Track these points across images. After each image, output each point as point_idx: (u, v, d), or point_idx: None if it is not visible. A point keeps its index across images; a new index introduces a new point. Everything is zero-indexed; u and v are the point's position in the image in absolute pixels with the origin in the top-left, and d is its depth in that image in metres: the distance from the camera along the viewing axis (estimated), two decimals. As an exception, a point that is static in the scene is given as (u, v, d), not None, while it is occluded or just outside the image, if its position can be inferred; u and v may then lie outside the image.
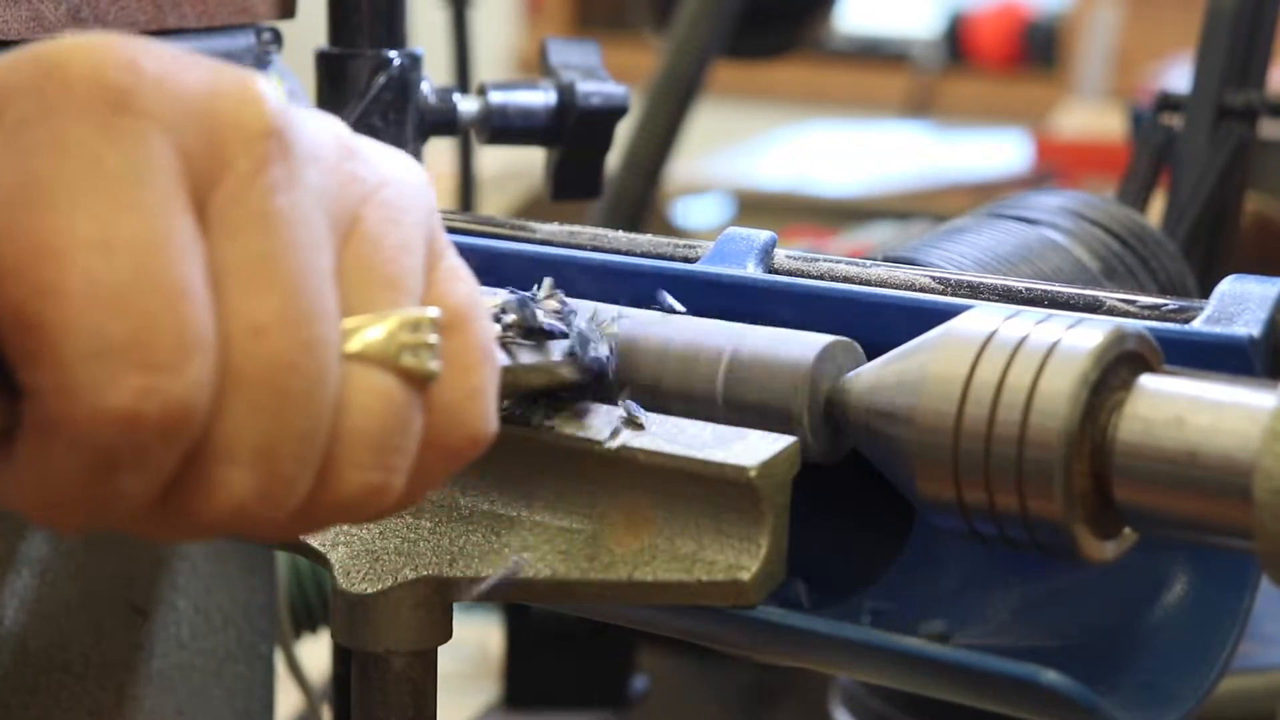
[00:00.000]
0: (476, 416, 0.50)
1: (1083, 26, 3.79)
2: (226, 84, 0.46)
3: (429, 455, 0.49)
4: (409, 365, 0.48)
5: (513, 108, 0.81)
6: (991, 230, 0.74)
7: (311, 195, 0.47)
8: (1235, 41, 0.93)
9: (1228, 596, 0.58)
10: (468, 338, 0.50)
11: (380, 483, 0.48)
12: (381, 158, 0.50)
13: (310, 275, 0.46)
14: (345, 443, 0.47)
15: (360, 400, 0.47)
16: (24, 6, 0.67)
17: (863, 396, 0.57)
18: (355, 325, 0.47)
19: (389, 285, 0.48)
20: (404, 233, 0.49)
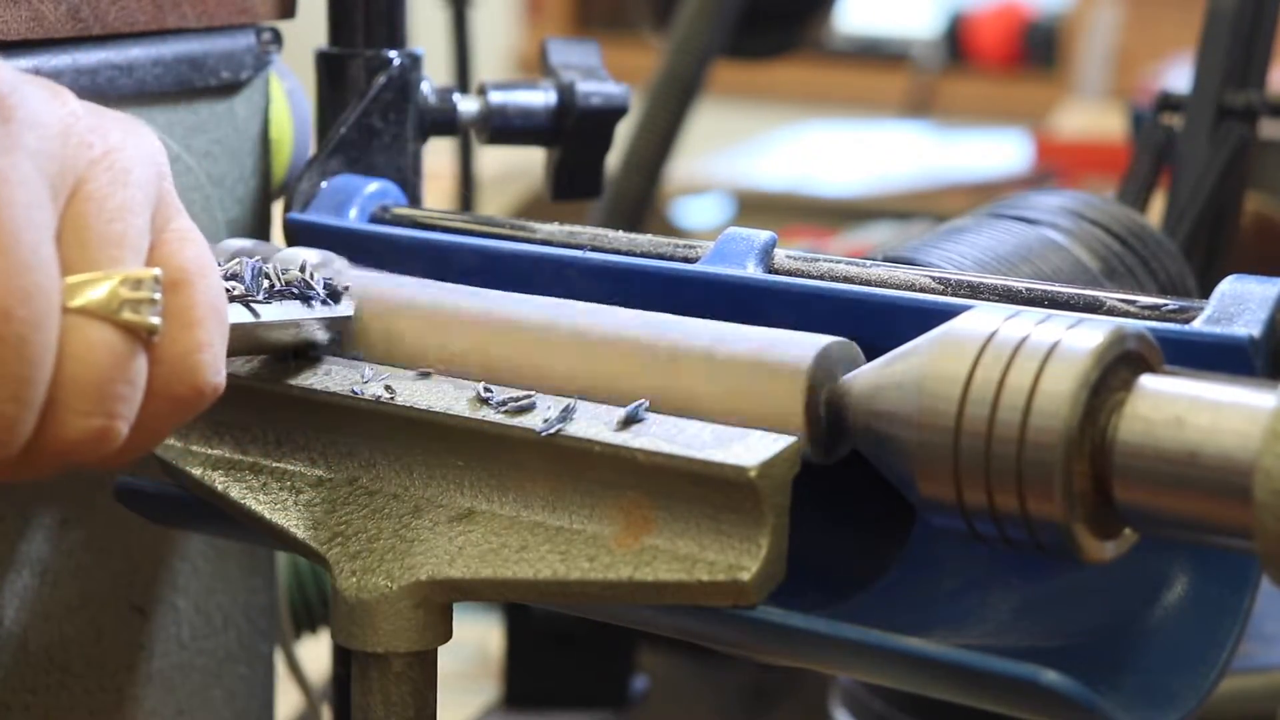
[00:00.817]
0: (201, 368, 0.54)
1: (1083, 26, 3.79)
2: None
3: (155, 404, 0.54)
4: (129, 319, 0.52)
5: (513, 108, 0.81)
6: (991, 230, 0.74)
7: (30, 156, 0.50)
8: (1235, 41, 0.93)
9: (1228, 596, 0.58)
10: (193, 295, 0.54)
11: (102, 427, 0.52)
12: (111, 126, 0.54)
13: (26, 229, 0.50)
14: (67, 389, 0.51)
15: (81, 351, 0.51)
16: (24, 6, 0.67)
17: (863, 397, 0.57)
18: (78, 281, 0.51)
19: (112, 243, 0.52)
20: (128, 194, 0.53)
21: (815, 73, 3.85)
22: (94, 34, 0.70)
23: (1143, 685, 0.57)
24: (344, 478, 0.63)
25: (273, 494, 0.64)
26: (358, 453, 0.63)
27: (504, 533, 0.59)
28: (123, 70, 0.72)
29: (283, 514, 0.63)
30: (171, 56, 0.74)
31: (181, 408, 0.55)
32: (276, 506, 0.63)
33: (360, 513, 0.62)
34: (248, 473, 0.65)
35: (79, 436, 0.52)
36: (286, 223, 0.75)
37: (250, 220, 0.79)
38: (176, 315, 0.54)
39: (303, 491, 0.63)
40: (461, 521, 0.60)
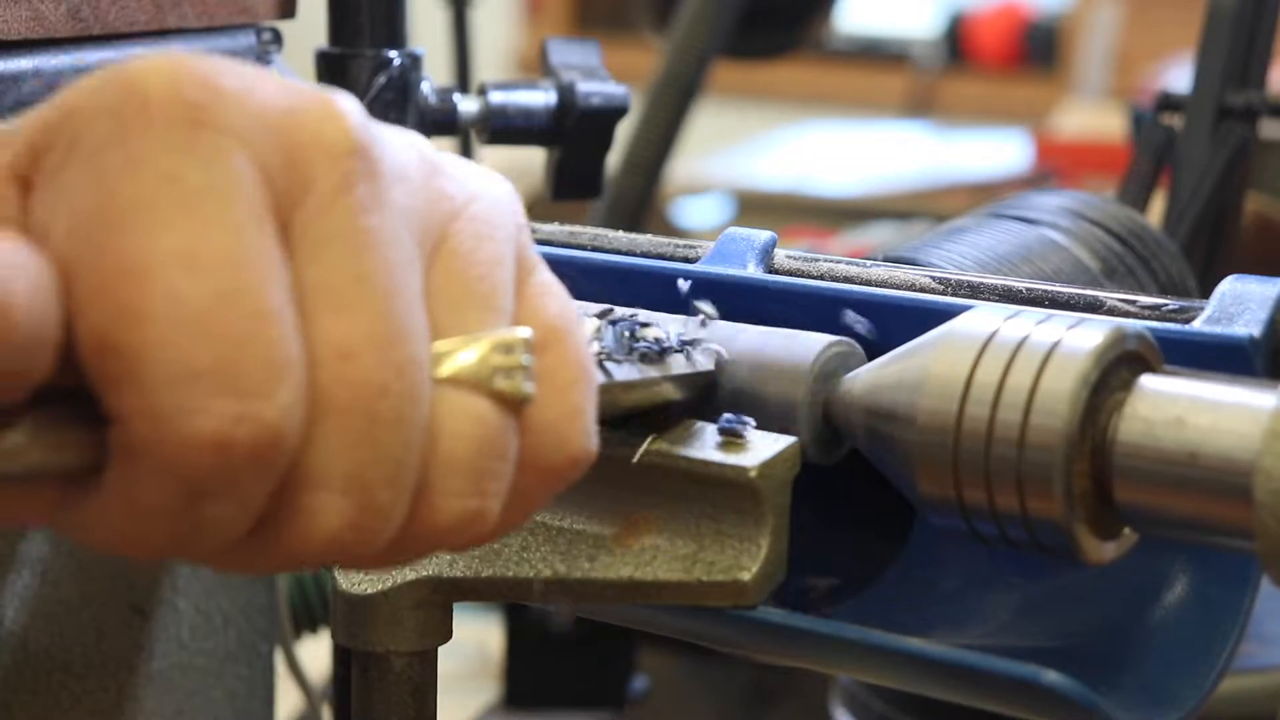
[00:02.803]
0: (575, 436, 0.49)
1: (1083, 26, 3.79)
2: (307, 101, 0.45)
3: (527, 477, 0.48)
4: (502, 388, 0.46)
5: (513, 108, 0.81)
6: (991, 230, 0.74)
7: (398, 214, 0.45)
8: (1235, 41, 0.93)
9: (1228, 596, 0.58)
10: (563, 356, 0.49)
11: (477, 509, 0.47)
12: (468, 173, 0.49)
13: (399, 296, 0.44)
14: (439, 469, 0.46)
15: (453, 425, 0.46)
16: (24, 6, 0.67)
17: (863, 397, 0.57)
18: (447, 349, 0.46)
19: (480, 305, 0.47)
20: (493, 249, 0.48)
21: (815, 73, 3.85)
22: (94, 34, 0.70)
23: (1143, 685, 0.57)
24: (344, 478, 0.63)
25: (273, 494, 0.64)
26: (358, 453, 0.63)
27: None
28: (123, 70, 0.72)
29: (283, 514, 0.63)
30: (171, 56, 0.74)
31: (554, 480, 0.49)
32: (276, 506, 0.63)
33: (360, 513, 0.62)
34: (248, 473, 0.65)
35: (452, 520, 0.46)
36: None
37: (250, 220, 0.79)
38: (547, 379, 0.48)
39: (303, 491, 0.63)
40: (461, 521, 0.60)
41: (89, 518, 0.44)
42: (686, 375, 0.58)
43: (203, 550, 0.44)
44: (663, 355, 0.58)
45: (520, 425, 0.47)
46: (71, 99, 0.44)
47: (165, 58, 0.44)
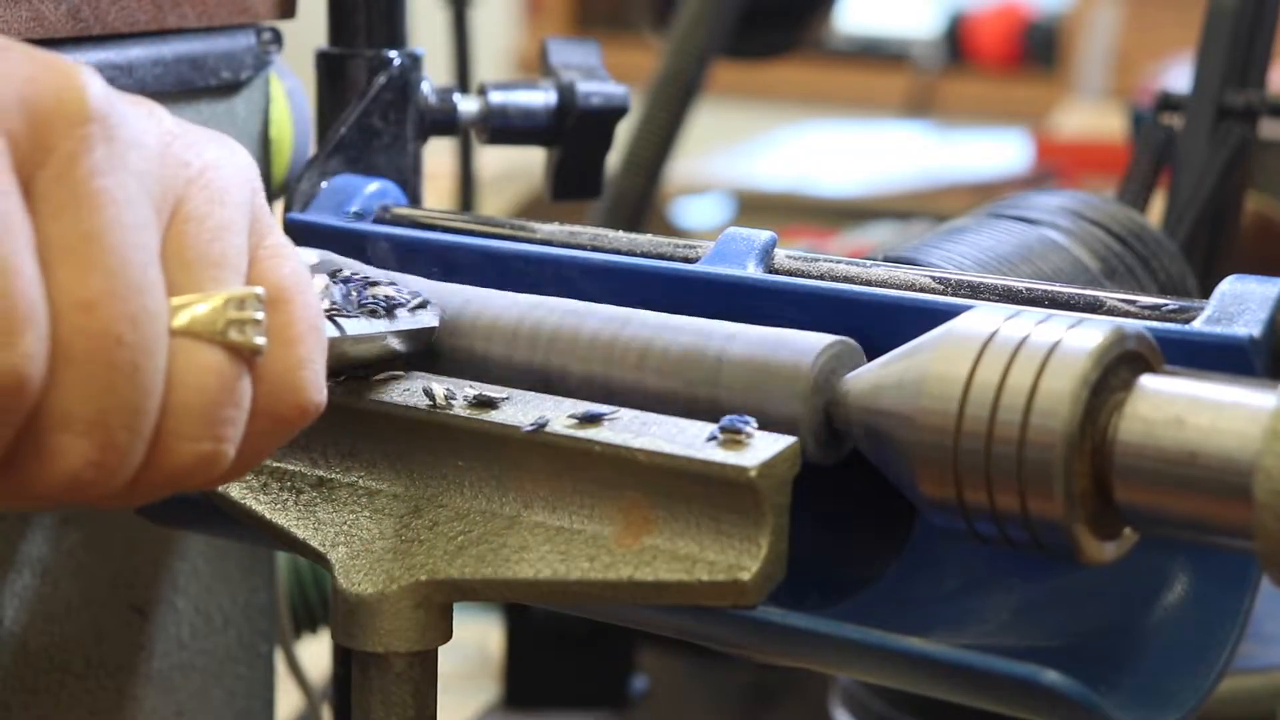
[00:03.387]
0: (304, 386, 0.53)
1: (1083, 26, 3.79)
2: (49, 71, 0.49)
3: (259, 424, 0.52)
4: (235, 340, 0.51)
5: (513, 108, 0.81)
6: (991, 230, 0.74)
7: (134, 178, 0.49)
8: (1235, 41, 0.93)
9: (1228, 596, 0.58)
10: (293, 312, 0.53)
11: (211, 452, 0.51)
12: (205, 143, 0.53)
13: (135, 252, 0.48)
14: (176, 415, 0.50)
15: (188, 374, 0.50)
16: (24, 7, 0.67)
17: (863, 396, 0.57)
18: (182, 303, 0.50)
19: (214, 264, 0.51)
20: (227, 213, 0.52)
21: (815, 73, 3.85)
22: (94, 34, 0.70)
23: (1143, 685, 0.57)
24: (344, 478, 0.63)
25: (273, 494, 0.64)
26: (358, 453, 0.63)
27: (504, 533, 0.59)
28: (123, 70, 0.72)
29: (283, 514, 0.63)
30: (171, 56, 0.74)
31: (284, 427, 0.53)
32: (276, 506, 0.63)
33: (360, 513, 0.62)
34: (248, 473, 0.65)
35: (188, 463, 0.51)
36: (287, 223, 0.75)
37: (250, 220, 0.79)
38: (278, 333, 0.52)
39: (303, 492, 0.63)
40: (461, 521, 0.60)
41: None
42: (410, 330, 0.62)
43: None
44: (390, 311, 0.62)
45: (253, 376, 0.52)
46: None
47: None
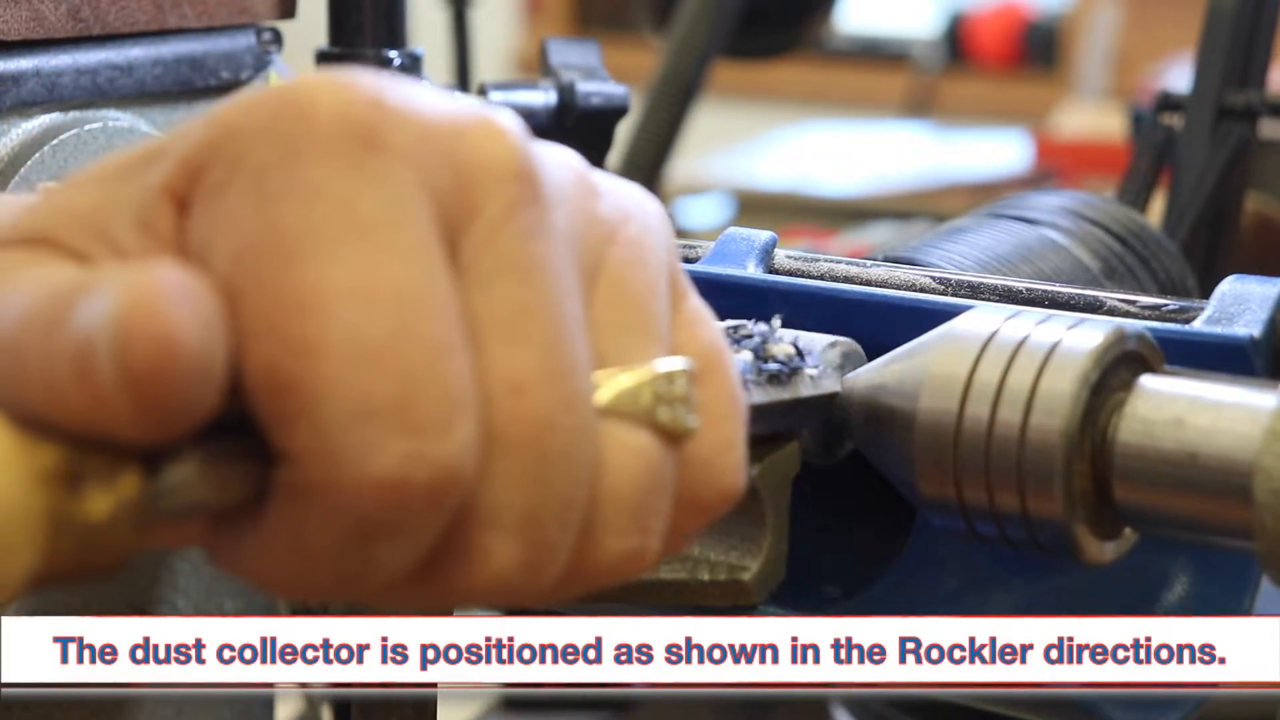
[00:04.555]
0: (729, 470, 0.46)
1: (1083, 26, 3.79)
2: (472, 120, 0.43)
3: (681, 512, 0.46)
4: (664, 421, 0.44)
5: (513, 108, 0.81)
6: (991, 230, 0.74)
7: (562, 239, 0.43)
8: (1235, 41, 0.93)
9: (1228, 596, 0.58)
10: (718, 386, 0.46)
11: (639, 546, 0.44)
12: (621, 193, 0.47)
13: (566, 326, 0.42)
14: (604, 506, 0.44)
15: (617, 460, 0.44)
16: (24, 6, 0.67)
17: (863, 397, 0.57)
18: (608, 379, 0.44)
19: (640, 334, 0.45)
20: (649, 275, 0.46)
21: (815, 73, 3.85)
22: (94, 34, 0.70)
23: (1143, 685, 0.57)
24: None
25: (273, 494, 0.64)
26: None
27: (504, 533, 0.59)
28: (123, 70, 0.72)
29: (283, 514, 0.63)
30: (171, 56, 0.74)
31: (706, 514, 0.46)
32: (276, 506, 0.63)
33: (360, 513, 0.62)
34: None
35: (615, 559, 0.44)
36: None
37: (250, 220, 0.79)
38: (703, 410, 0.45)
39: (303, 491, 0.63)
40: (461, 521, 0.60)
41: (248, 553, 0.42)
42: (813, 398, 0.56)
43: (367, 590, 0.42)
44: (792, 376, 0.55)
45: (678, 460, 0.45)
46: (232, 116, 0.42)
47: (333, 76, 0.42)
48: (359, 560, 0.41)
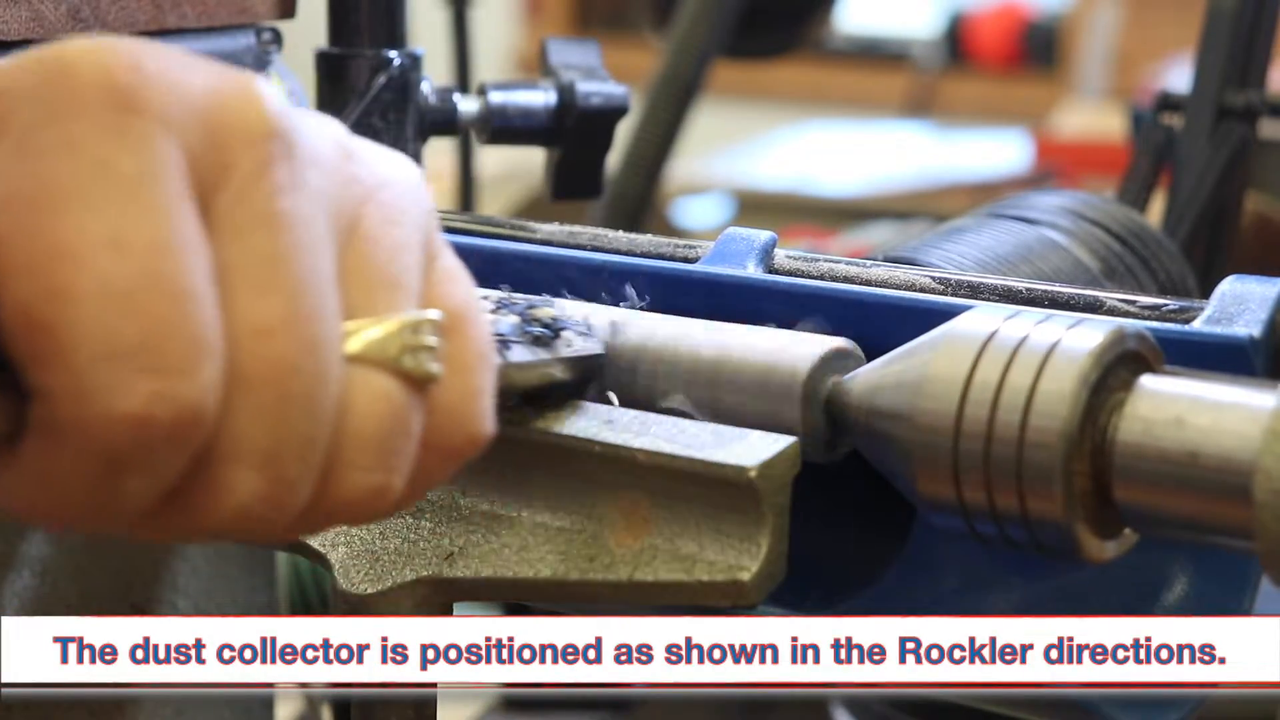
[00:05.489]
0: (475, 417, 0.50)
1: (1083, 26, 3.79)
2: (228, 85, 0.46)
3: (428, 456, 0.49)
4: (409, 367, 0.48)
5: (513, 108, 0.81)
6: (991, 230, 0.74)
7: (314, 197, 0.47)
8: (1235, 41, 0.93)
9: (1228, 596, 0.58)
10: (466, 339, 0.50)
11: (381, 484, 0.48)
12: (379, 159, 0.51)
13: (314, 276, 0.46)
14: (347, 445, 0.47)
15: (362, 402, 0.47)
16: (24, 6, 0.67)
17: (863, 397, 0.57)
18: (356, 328, 0.47)
19: (389, 287, 0.48)
20: (402, 234, 0.49)
21: (815, 73, 3.85)
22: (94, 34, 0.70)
23: (1143, 685, 0.57)
24: (344, 478, 0.63)
25: (273, 494, 0.64)
26: (358, 453, 0.63)
27: (504, 533, 0.59)
28: (123, 70, 0.72)
29: (283, 514, 0.63)
30: (171, 56, 0.74)
31: (453, 458, 0.50)
32: (276, 506, 0.63)
33: (360, 513, 0.62)
34: (248, 473, 0.64)
35: (357, 494, 0.48)
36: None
37: (250, 220, 0.79)
38: (451, 360, 0.49)
39: (303, 491, 0.63)
40: (461, 521, 0.60)
41: (5, 485, 0.45)
42: (575, 358, 0.60)
43: (115, 521, 0.46)
44: (555, 338, 0.59)
45: (424, 405, 0.49)
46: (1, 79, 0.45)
47: (92, 41, 0.45)
48: (108, 492, 0.44)
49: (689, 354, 0.60)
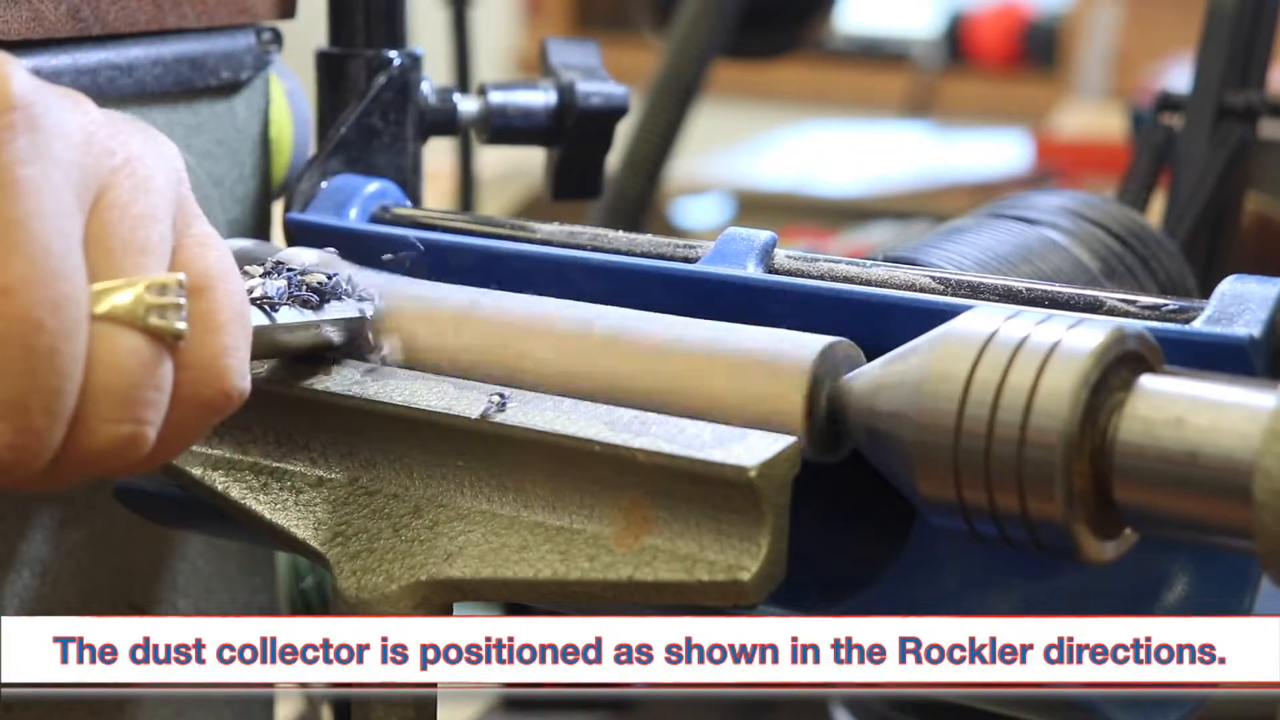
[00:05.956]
0: (227, 372, 0.54)
1: (1083, 26, 3.79)
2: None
3: (183, 410, 0.53)
4: (156, 325, 0.52)
5: (513, 108, 0.81)
6: (991, 230, 0.74)
7: (57, 166, 0.50)
8: (1235, 41, 0.93)
9: (1228, 596, 0.58)
10: (216, 299, 0.54)
11: (130, 434, 0.52)
12: (131, 134, 0.54)
13: (55, 239, 0.50)
14: (95, 398, 0.51)
15: (108, 358, 0.51)
16: (24, 6, 0.67)
17: (863, 396, 0.57)
18: (104, 289, 0.51)
19: (136, 251, 0.52)
20: (150, 201, 0.53)
21: (815, 73, 3.85)
22: (94, 34, 0.70)
23: (1143, 685, 0.57)
24: (344, 478, 0.63)
25: (273, 494, 0.64)
26: (358, 453, 0.63)
27: (504, 533, 0.59)
28: (123, 70, 0.72)
29: (283, 514, 0.63)
30: (171, 56, 0.74)
31: (208, 412, 0.54)
32: (276, 507, 0.63)
33: (360, 513, 0.62)
34: (248, 473, 0.65)
35: (107, 444, 0.52)
36: (287, 223, 0.75)
37: (250, 220, 0.79)
38: (201, 320, 0.53)
39: (303, 492, 0.63)
40: (461, 521, 0.60)
41: None
42: (342, 319, 0.63)
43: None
44: (322, 302, 0.63)
45: (177, 362, 0.53)
46: None
47: None
48: None
49: (693, 351, 0.60)
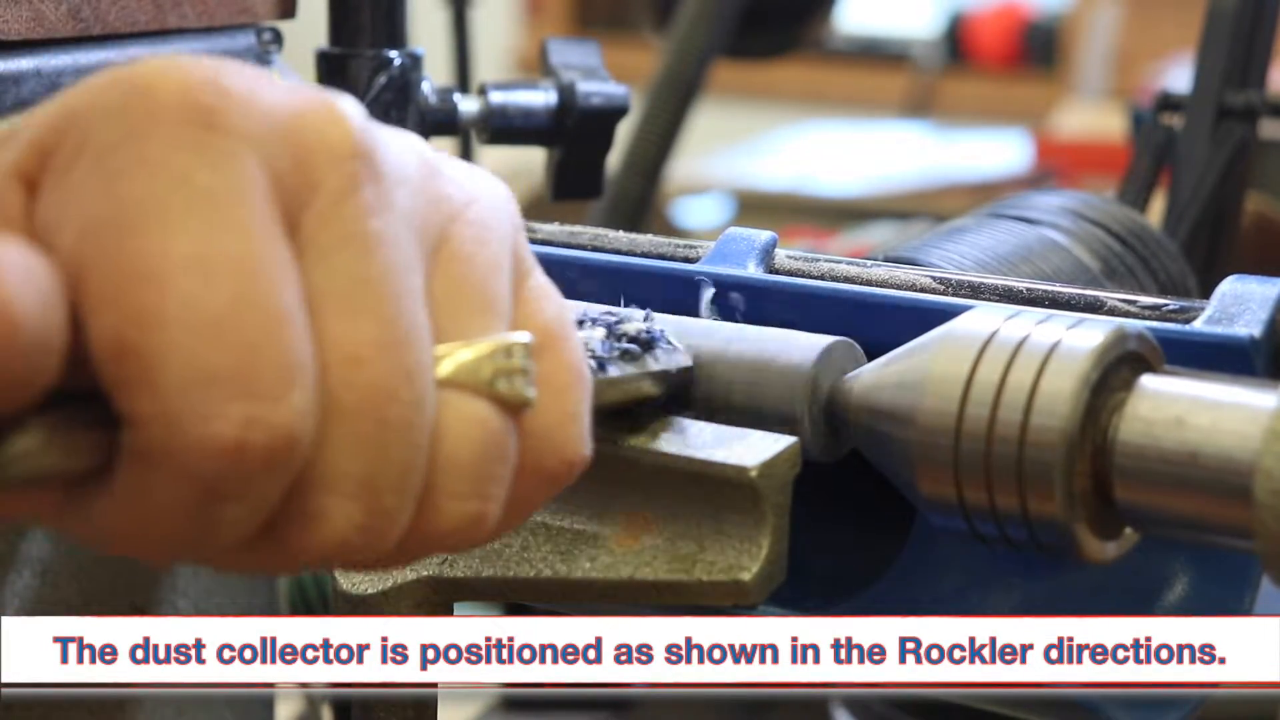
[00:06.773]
0: (571, 440, 0.49)
1: (1083, 26, 3.79)
2: (311, 104, 0.45)
3: (524, 481, 0.48)
4: (504, 392, 0.46)
5: (513, 108, 0.81)
6: (992, 230, 0.74)
7: (401, 216, 0.45)
8: (1235, 41, 0.93)
9: (1228, 596, 0.58)
10: (560, 359, 0.49)
11: (478, 512, 0.47)
12: (466, 175, 0.49)
13: (404, 299, 0.44)
14: (443, 472, 0.46)
15: (456, 428, 0.46)
16: (24, 6, 0.67)
17: (863, 396, 0.57)
18: (448, 352, 0.46)
19: (480, 308, 0.47)
20: (492, 252, 0.48)
21: (815, 73, 3.85)
22: (94, 34, 0.70)
23: (1143, 685, 0.57)
24: (344, 478, 0.63)
25: (273, 494, 0.64)
26: (358, 453, 0.63)
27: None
28: (123, 70, 0.72)
29: (283, 514, 0.63)
30: (171, 56, 0.74)
31: (549, 484, 0.49)
32: (276, 506, 0.63)
33: (360, 513, 0.62)
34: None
35: (454, 524, 0.46)
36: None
37: (250, 220, 0.79)
38: (544, 382, 0.48)
39: (303, 491, 0.63)
40: (462, 521, 0.60)
41: (97, 518, 0.44)
42: (666, 372, 0.58)
43: (211, 551, 0.44)
44: (643, 353, 0.58)
45: (520, 430, 0.47)
46: (77, 99, 0.44)
47: (172, 59, 0.44)
48: (203, 521, 0.43)
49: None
